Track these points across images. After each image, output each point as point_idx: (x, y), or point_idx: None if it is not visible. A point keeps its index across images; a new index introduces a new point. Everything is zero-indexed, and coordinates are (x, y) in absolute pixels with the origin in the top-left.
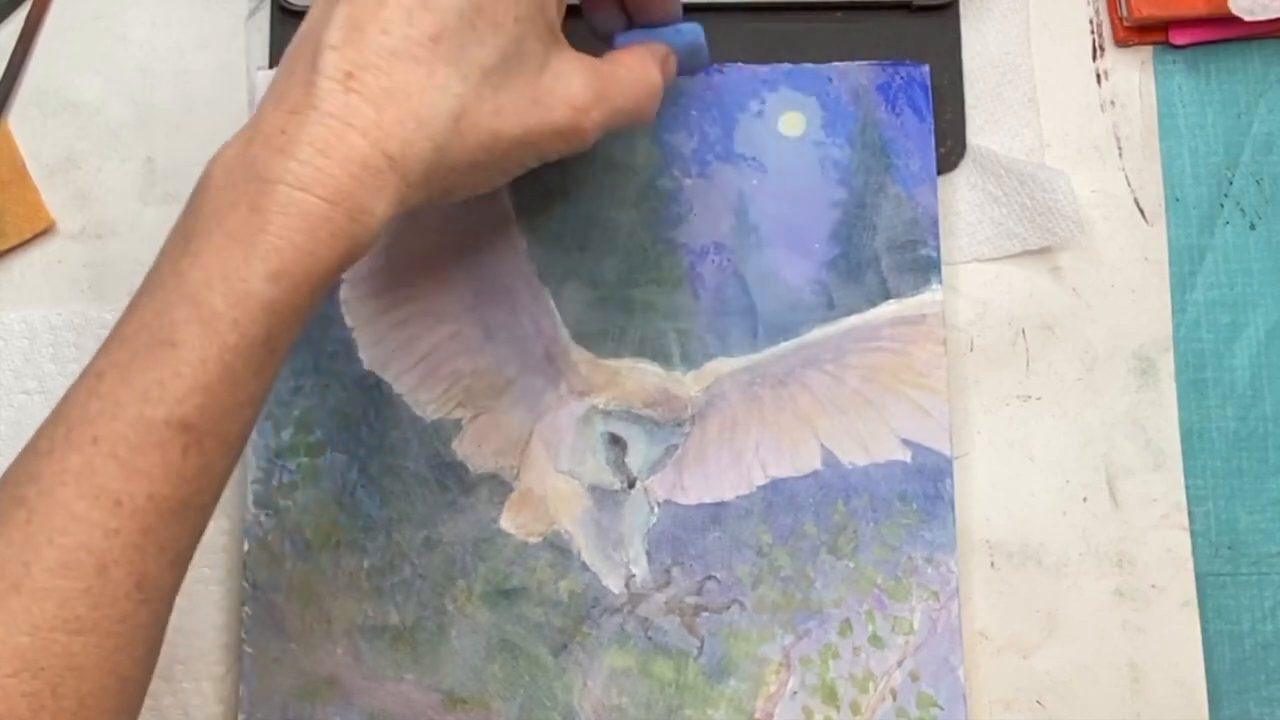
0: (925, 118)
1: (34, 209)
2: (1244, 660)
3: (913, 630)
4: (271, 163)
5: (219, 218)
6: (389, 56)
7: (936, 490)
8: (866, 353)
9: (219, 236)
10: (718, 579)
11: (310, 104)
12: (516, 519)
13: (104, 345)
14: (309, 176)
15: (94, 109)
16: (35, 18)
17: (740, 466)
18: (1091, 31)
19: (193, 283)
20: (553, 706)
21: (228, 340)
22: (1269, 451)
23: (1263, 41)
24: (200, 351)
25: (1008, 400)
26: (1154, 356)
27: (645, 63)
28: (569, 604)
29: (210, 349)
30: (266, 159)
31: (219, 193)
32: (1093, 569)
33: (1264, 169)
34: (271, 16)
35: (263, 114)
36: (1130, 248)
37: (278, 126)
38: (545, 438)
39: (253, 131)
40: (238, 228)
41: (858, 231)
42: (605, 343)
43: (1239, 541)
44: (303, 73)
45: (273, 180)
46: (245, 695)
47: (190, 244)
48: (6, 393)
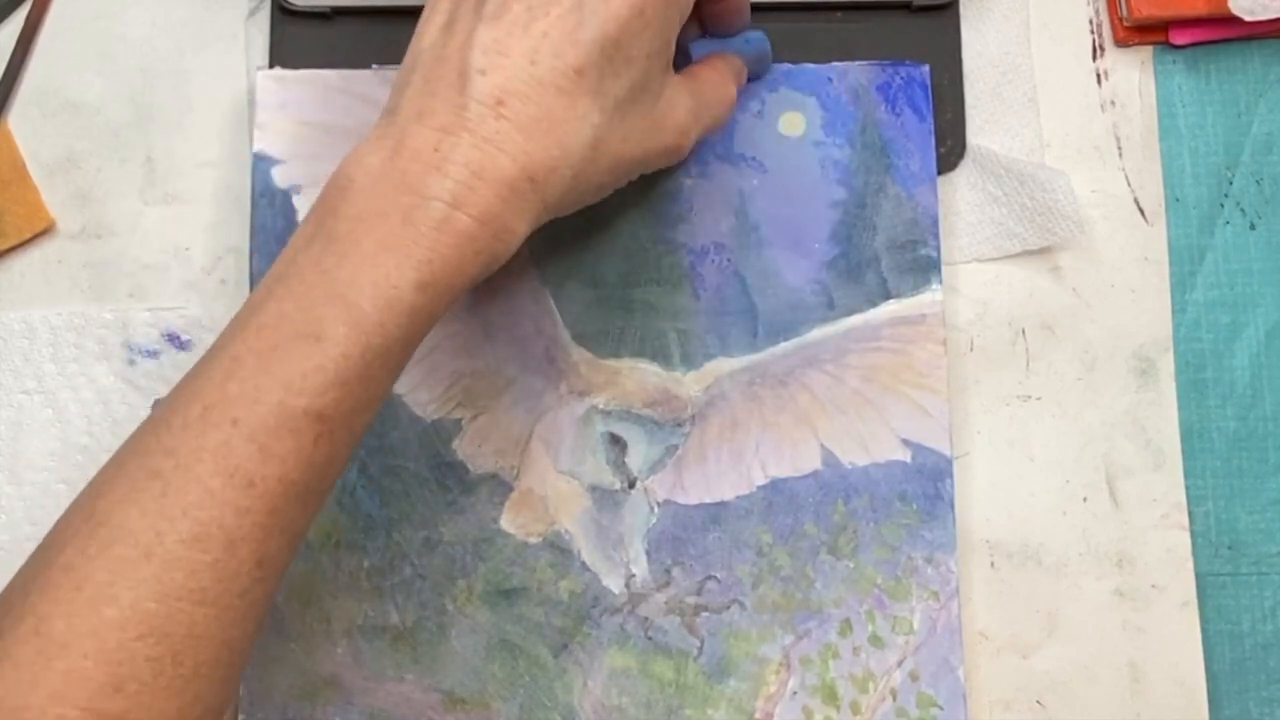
0: (925, 118)
1: (34, 209)
2: (1244, 660)
3: (913, 630)
4: (427, 178)
5: (368, 224)
6: (537, 86)
7: (936, 490)
8: (866, 353)
9: (369, 243)
10: (718, 579)
11: (463, 126)
12: (516, 519)
13: (234, 329)
14: (463, 196)
15: (94, 109)
16: (35, 18)
17: (740, 466)
18: (1091, 31)
19: (340, 282)
20: (553, 706)
21: (372, 341)
22: (1269, 451)
23: (1263, 41)
24: (345, 348)
25: (1008, 400)
26: (1154, 356)
27: (726, 79)
28: (569, 604)
29: (354, 347)
30: (420, 174)
31: (365, 199)
32: (1093, 569)
33: (1264, 169)
34: (271, 16)
35: (404, 127)
36: (1130, 248)
37: (429, 143)
38: (545, 438)
39: (396, 144)
40: (389, 237)
41: (858, 231)
42: (605, 343)
43: (1239, 541)
44: (447, 93)
45: (428, 196)
46: (245, 695)
47: (334, 244)
48: (6, 393)
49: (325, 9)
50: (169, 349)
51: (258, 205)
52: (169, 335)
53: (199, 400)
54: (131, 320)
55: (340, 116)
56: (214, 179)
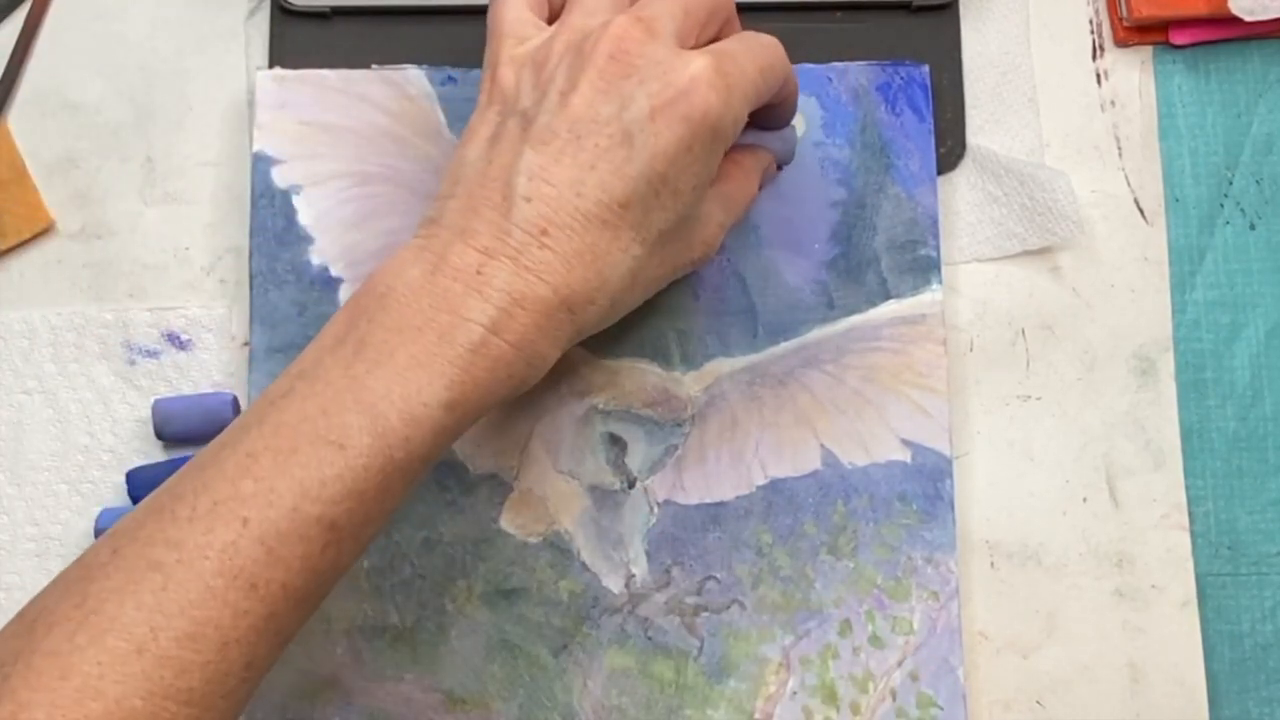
0: (925, 118)
1: (34, 209)
2: (1244, 660)
3: (912, 630)
4: (467, 300)
5: (403, 337)
6: (582, 218)
7: (936, 490)
8: (866, 353)
9: (402, 356)
10: (718, 579)
11: (505, 252)
12: (516, 519)
13: (252, 421)
14: (501, 322)
15: (94, 109)
16: (35, 18)
17: (740, 466)
18: (1091, 31)
19: (370, 391)
20: (553, 706)
21: (395, 455)
22: (1269, 451)
23: (1263, 41)
24: (367, 460)
25: (1008, 400)
26: (1154, 356)
27: (753, 178)
28: (569, 604)
29: (376, 459)
30: (460, 295)
31: (403, 311)
32: (1093, 569)
33: (1264, 169)
34: (271, 16)
35: (447, 242)
36: (1130, 248)
37: (471, 265)
38: (545, 438)
39: (438, 259)
40: (423, 353)
41: (858, 231)
42: (605, 343)
43: (1239, 541)
44: (491, 214)
45: (466, 318)
46: None
47: (366, 351)
48: (7, 393)
49: (325, 9)
50: (169, 349)
51: (257, 205)
52: (169, 335)
53: (209, 492)
54: (131, 320)
55: (340, 116)
56: (214, 179)
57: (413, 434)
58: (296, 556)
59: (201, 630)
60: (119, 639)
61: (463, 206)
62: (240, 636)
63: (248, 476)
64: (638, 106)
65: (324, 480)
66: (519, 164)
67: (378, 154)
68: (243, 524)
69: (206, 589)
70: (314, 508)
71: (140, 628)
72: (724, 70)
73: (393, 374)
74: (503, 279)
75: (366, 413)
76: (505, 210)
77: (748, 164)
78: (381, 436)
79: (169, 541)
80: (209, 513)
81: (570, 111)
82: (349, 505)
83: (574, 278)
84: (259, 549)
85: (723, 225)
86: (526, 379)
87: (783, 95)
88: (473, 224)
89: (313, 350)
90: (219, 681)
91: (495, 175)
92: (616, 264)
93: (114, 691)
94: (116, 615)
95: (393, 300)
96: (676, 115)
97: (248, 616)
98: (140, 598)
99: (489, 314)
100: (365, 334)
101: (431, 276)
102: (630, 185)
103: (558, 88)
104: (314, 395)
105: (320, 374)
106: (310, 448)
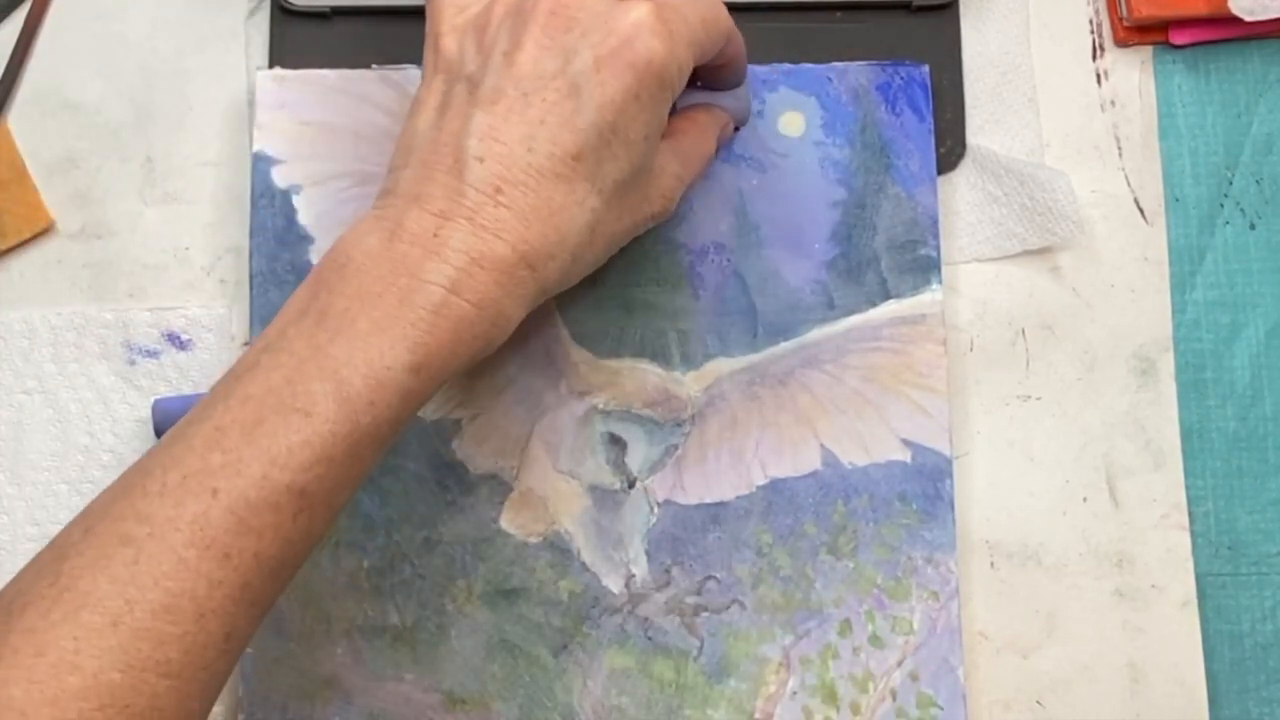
0: (925, 118)
1: (34, 209)
2: (1244, 660)
3: (912, 630)
4: (425, 263)
5: (364, 303)
6: (535, 174)
7: (936, 490)
8: (866, 353)
9: (364, 322)
10: (718, 579)
11: (460, 213)
12: (516, 519)
13: (218, 397)
14: (461, 281)
15: (94, 109)
16: (35, 18)
17: (740, 466)
18: (1091, 31)
19: (333, 359)
20: (553, 706)
21: (361, 420)
22: (1269, 451)
23: (1263, 41)
24: (333, 425)
25: (1008, 400)
26: (1154, 356)
27: (709, 134)
28: (569, 604)
29: (343, 425)
30: (419, 259)
31: (362, 279)
32: (1093, 569)
33: (1264, 169)
34: (271, 16)
35: (402, 209)
36: (1130, 248)
37: (428, 229)
38: (545, 438)
39: (395, 226)
40: (385, 318)
41: (858, 231)
42: (605, 342)
43: (1239, 541)
44: (445, 178)
45: (425, 280)
46: (245, 695)
47: (328, 320)
48: (7, 393)
49: (325, 9)
50: (169, 349)
51: (257, 205)
52: (169, 335)
53: (178, 467)
54: (131, 320)
55: (340, 116)
56: (214, 179)
57: (378, 398)
58: (268, 525)
59: (176, 602)
60: (94, 613)
61: (416, 175)
62: (216, 607)
63: (216, 449)
64: (582, 59)
65: (291, 447)
66: (469, 126)
67: (378, 154)
68: (212, 495)
69: (179, 560)
70: (283, 475)
71: (115, 601)
72: (665, 18)
73: (355, 340)
74: (460, 239)
75: (330, 379)
76: (458, 173)
77: (703, 120)
78: (347, 402)
79: (140, 516)
80: (179, 486)
81: (516, 70)
82: (318, 472)
83: (532, 233)
84: (230, 519)
85: (680, 178)
86: (491, 339)
87: (729, 54)
88: (427, 189)
89: (276, 324)
90: (198, 653)
91: (446, 141)
92: (574, 217)
93: (91, 665)
94: (90, 590)
95: (352, 269)
96: (621, 63)
97: (222, 587)
98: (113, 572)
99: (448, 274)
100: (326, 304)
101: (389, 243)
102: (581, 137)
103: (501, 49)
104: (278, 366)
105: (284, 345)
106: (276, 417)
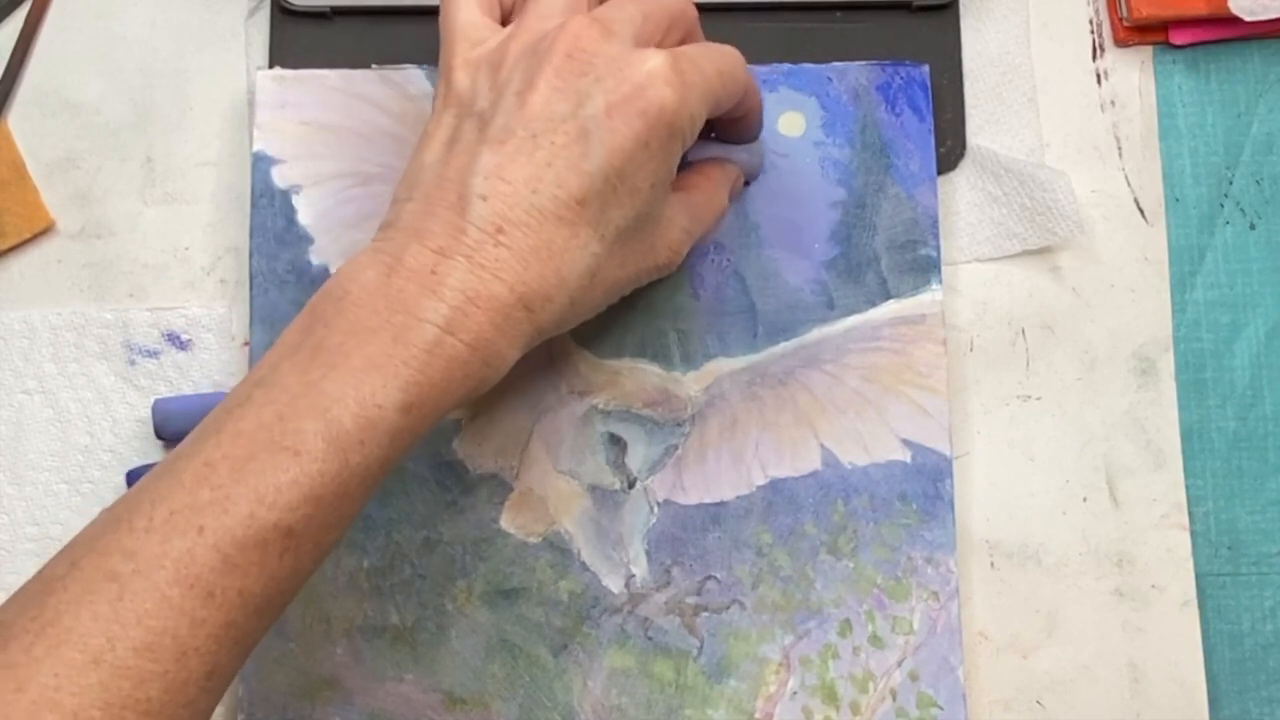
0: (925, 118)
1: (34, 209)
2: (1244, 660)
3: (912, 630)
4: (421, 301)
5: (358, 339)
6: (538, 215)
7: (936, 490)
8: (866, 353)
9: (358, 359)
10: (718, 579)
11: (460, 250)
12: (516, 519)
13: (210, 431)
14: (456, 321)
15: (94, 109)
16: (35, 18)
17: (740, 466)
18: (1091, 31)
19: (325, 396)
20: (553, 706)
21: (351, 460)
22: (1269, 451)
23: (1263, 41)
24: (322, 465)
25: (1008, 400)
26: (1154, 356)
27: (721, 189)
28: (569, 604)
29: (331, 464)
30: (415, 295)
31: (358, 313)
32: (1093, 569)
33: (1264, 169)
34: (271, 16)
35: (402, 244)
36: (1130, 248)
37: (426, 265)
38: (545, 437)
39: (393, 261)
40: (378, 355)
41: (858, 231)
42: (605, 343)
43: (1239, 541)
44: (446, 214)
45: (421, 318)
46: (245, 695)
47: (321, 355)
48: (7, 393)
49: (325, 9)
50: (169, 349)
51: (257, 205)
52: (169, 335)
53: (166, 503)
54: (131, 320)
55: (340, 116)
56: (214, 179)
57: (368, 438)
58: (254, 564)
59: (159, 640)
60: (75, 650)
61: (419, 209)
62: (199, 645)
63: (204, 485)
64: (594, 104)
65: (279, 487)
66: (476, 164)
67: (378, 154)
68: (199, 532)
69: (163, 598)
70: (270, 514)
71: (97, 639)
72: (680, 69)
73: (347, 377)
74: (457, 278)
75: (320, 418)
76: (461, 210)
77: (715, 176)
78: (336, 441)
79: (125, 552)
80: (165, 522)
81: (527, 111)
82: (306, 511)
83: (530, 275)
84: (215, 557)
85: (688, 232)
86: (485, 379)
87: (746, 107)
88: (428, 225)
89: (270, 356)
90: (178, 691)
91: (451, 176)
92: (574, 261)
93: (71, 703)
94: (73, 626)
95: (348, 303)
96: (633, 111)
97: (205, 625)
98: (96, 608)
99: (443, 313)
100: (321, 338)
101: (387, 278)
102: (587, 182)
103: (514, 88)
104: (270, 402)
105: (277, 380)
106: (266, 454)
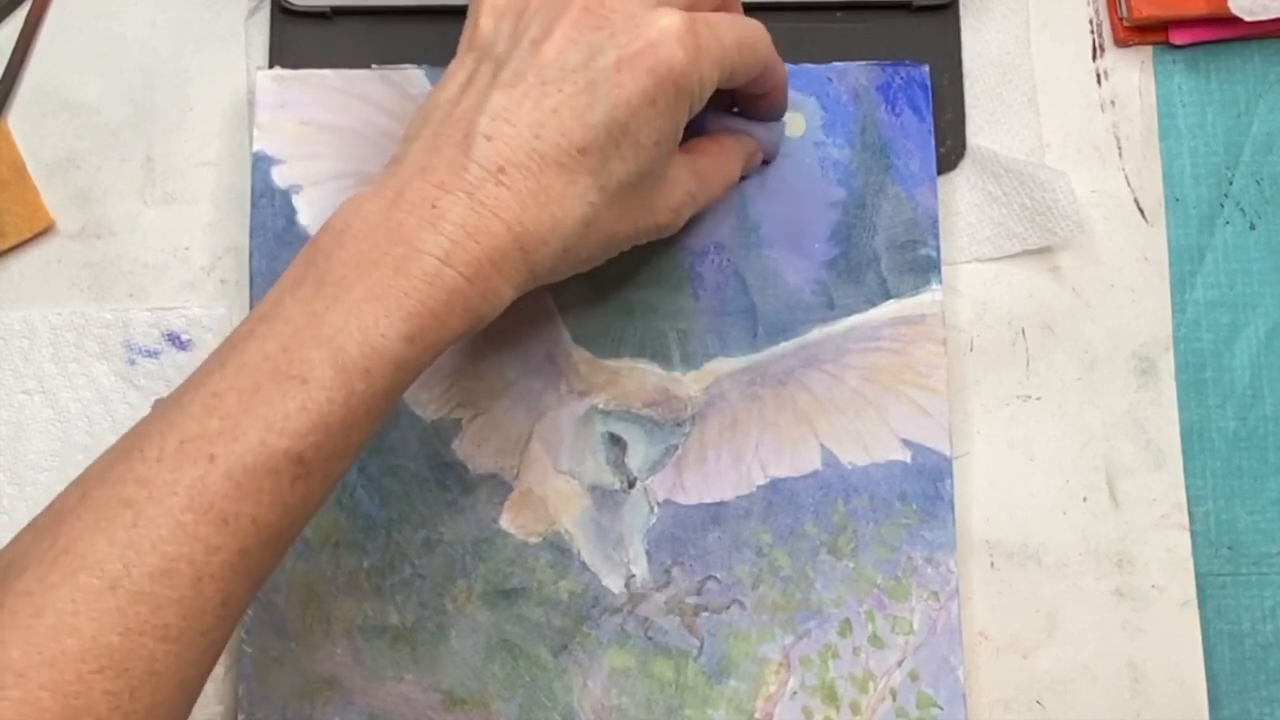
0: (925, 118)
1: (34, 209)
2: (1244, 660)
3: (912, 630)
4: (421, 232)
5: (360, 271)
6: (538, 159)
7: (936, 490)
8: (866, 353)
9: (359, 290)
10: (718, 579)
11: (461, 186)
12: (516, 519)
13: (214, 365)
14: (454, 253)
15: (94, 109)
16: (35, 18)
17: (740, 466)
18: (1091, 31)
19: (329, 326)
20: (553, 706)
21: (357, 387)
22: (1269, 451)
23: (1263, 41)
24: (329, 392)
25: (1008, 400)
26: (1154, 356)
27: (733, 161)
28: (569, 604)
29: (339, 392)
30: (415, 227)
31: (359, 246)
32: (1093, 569)
33: (1264, 169)
34: (271, 16)
35: (406, 179)
36: (1130, 248)
37: (427, 199)
38: (545, 438)
39: (395, 195)
40: (380, 286)
41: (858, 231)
42: (605, 343)
43: (1239, 541)
44: (451, 152)
45: (421, 250)
46: (245, 695)
47: (324, 287)
48: (7, 393)
49: (325, 9)
50: (169, 349)
51: (257, 205)
52: (169, 335)
53: (175, 433)
54: (131, 320)
55: (340, 116)
56: (214, 179)
57: (373, 366)
58: (265, 491)
59: (174, 565)
60: (91, 576)
61: (426, 146)
62: (214, 572)
63: (213, 415)
64: (605, 57)
65: (288, 414)
66: (485, 105)
67: (378, 154)
68: (210, 460)
69: (177, 524)
70: (280, 441)
71: (113, 564)
72: (696, 31)
73: (350, 308)
74: (457, 212)
75: (326, 346)
76: (465, 148)
77: (729, 145)
78: (342, 369)
79: (138, 479)
80: (176, 451)
81: (540, 58)
82: (315, 439)
83: (527, 216)
84: (227, 483)
85: (692, 195)
86: (481, 314)
87: (769, 84)
88: (433, 161)
89: (273, 292)
90: (195, 618)
91: (461, 115)
92: (571, 208)
93: (90, 628)
94: (88, 553)
95: (349, 236)
96: (642, 67)
97: (220, 552)
98: (112, 534)
99: (442, 245)
100: (323, 271)
101: (388, 212)
102: (590, 133)
103: (531, 35)
104: (274, 334)
105: (280, 313)
106: (272, 384)
